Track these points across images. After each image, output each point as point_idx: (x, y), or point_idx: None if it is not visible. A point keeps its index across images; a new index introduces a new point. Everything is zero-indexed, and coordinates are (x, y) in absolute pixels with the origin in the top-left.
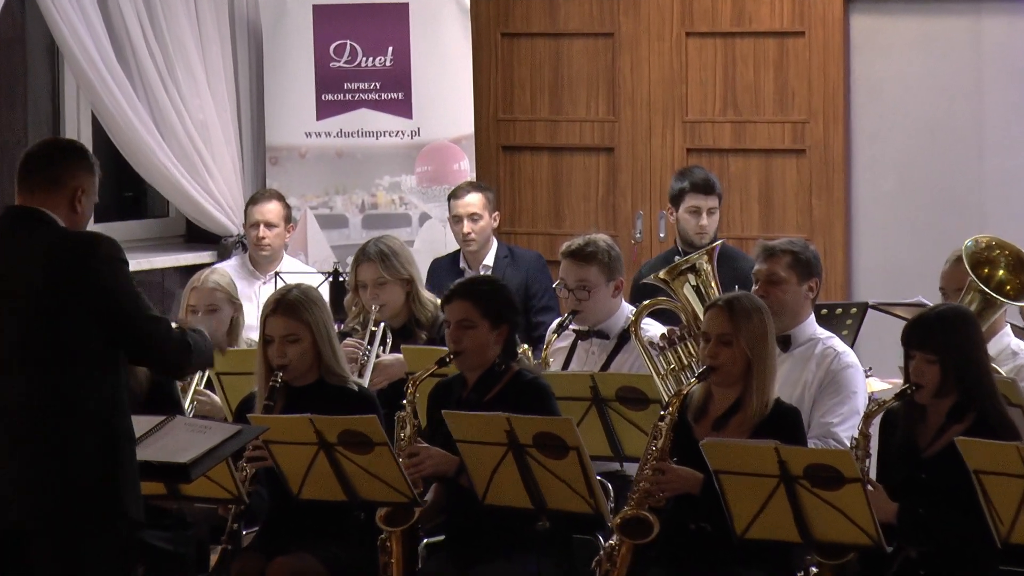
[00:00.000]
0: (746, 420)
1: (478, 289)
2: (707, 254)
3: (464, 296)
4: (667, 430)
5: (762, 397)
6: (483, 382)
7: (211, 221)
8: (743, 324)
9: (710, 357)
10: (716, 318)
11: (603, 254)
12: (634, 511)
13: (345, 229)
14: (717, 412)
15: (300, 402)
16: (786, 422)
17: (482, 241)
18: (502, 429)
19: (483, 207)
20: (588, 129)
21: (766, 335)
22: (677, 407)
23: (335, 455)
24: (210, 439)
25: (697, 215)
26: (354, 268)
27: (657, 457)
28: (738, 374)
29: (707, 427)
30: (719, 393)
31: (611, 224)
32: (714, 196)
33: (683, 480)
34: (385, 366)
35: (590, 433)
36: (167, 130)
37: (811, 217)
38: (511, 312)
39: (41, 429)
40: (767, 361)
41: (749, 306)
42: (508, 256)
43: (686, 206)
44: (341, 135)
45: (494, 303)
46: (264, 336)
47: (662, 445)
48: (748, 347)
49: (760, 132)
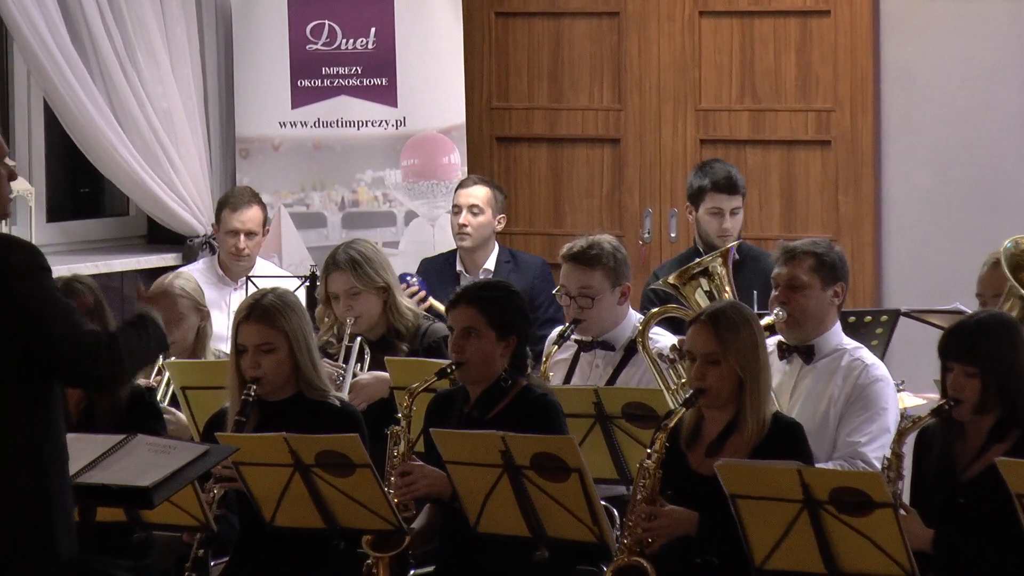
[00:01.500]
0: (743, 442)
1: (487, 295)
2: (721, 256)
3: (471, 302)
4: (655, 469)
5: (758, 416)
6: (487, 397)
7: (175, 220)
8: (731, 340)
9: (697, 379)
10: (700, 335)
11: (608, 257)
12: (627, 559)
13: (323, 229)
14: (711, 436)
15: (276, 418)
16: (788, 439)
17: (479, 239)
18: (496, 449)
19: (487, 202)
20: (591, 118)
21: (756, 348)
22: (664, 443)
23: (312, 478)
24: (174, 460)
25: (719, 216)
26: (324, 278)
27: (647, 499)
28: (729, 394)
29: (701, 453)
30: (711, 416)
31: (616, 223)
32: (738, 195)
33: (676, 524)
34: (363, 386)
35: (593, 453)
36: (127, 120)
37: (837, 215)
38: (522, 322)
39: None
40: (760, 376)
41: (736, 318)
42: (511, 261)
43: (707, 207)
44: (318, 125)
45: (504, 312)
46: (236, 345)
47: (650, 486)
48: (738, 364)
49: (781, 122)
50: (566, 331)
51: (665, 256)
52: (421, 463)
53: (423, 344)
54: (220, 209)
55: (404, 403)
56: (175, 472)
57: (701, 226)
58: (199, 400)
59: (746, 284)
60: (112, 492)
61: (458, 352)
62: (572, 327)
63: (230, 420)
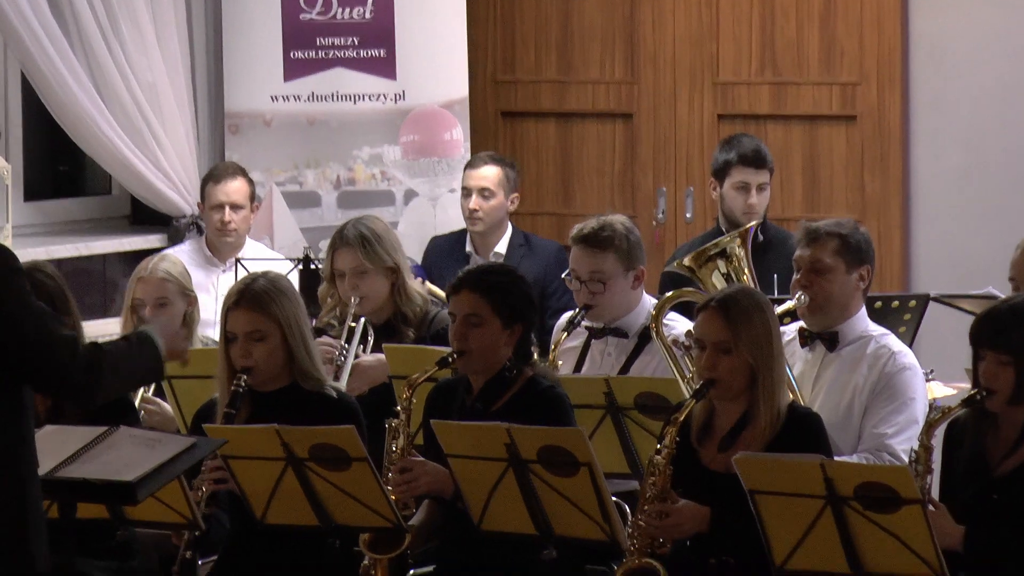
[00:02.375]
0: (757, 435)
1: (491, 280)
2: (740, 236)
3: (474, 287)
4: (665, 465)
5: (772, 407)
6: (491, 388)
7: (161, 200)
8: (743, 327)
9: (707, 369)
10: (710, 322)
11: (620, 239)
12: (638, 560)
13: (317, 209)
14: (723, 430)
15: (268, 410)
16: (804, 431)
17: (491, 223)
18: (501, 442)
19: (499, 184)
20: (602, 92)
21: (770, 335)
22: (675, 437)
23: (306, 473)
24: (160, 454)
25: (745, 192)
26: (330, 254)
27: (657, 497)
28: (742, 385)
29: (713, 448)
30: (723, 408)
31: (629, 204)
32: (765, 170)
33: (688, 521)
34: (365, 368)
35: (605, 446)
36: (109, 94)
37: (863, 195)
38: (528, 310)
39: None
40: (774, 366)
41: (748, 304)
42: (524, 244)
43: (732, 181)
44: (313, 99)
45: (509, 298)
46: (225, 333)
47: (660, 483)
48: (751, 353)
49: (804, 96)
50: (576, 317)
51: (680, 238)
52: (422, 459)
53: (430, 331)
54: (204, 185)
55: (403, 394)
56: (160, 466)
57: (725, 203)
58: (186, 390)
59: (768, 267)
60: (94, 487)
61: (460, 340)
62: (582, 313)
63: (219, 412)
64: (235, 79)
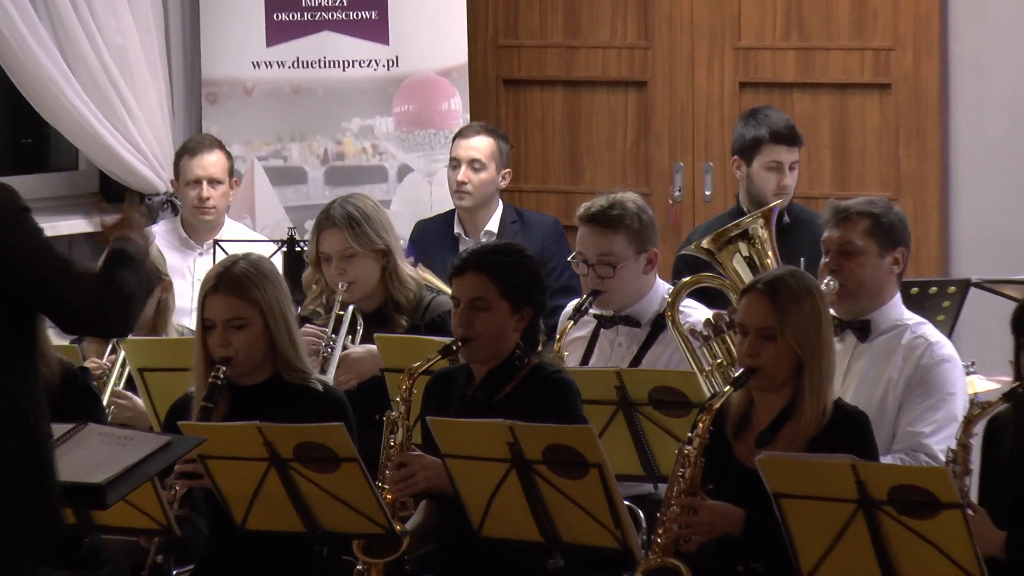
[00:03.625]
0: (799, 432)
1: (498, 260)
2: (763, 217)
3: (480, 268)
4: (696, 456)
5: (818, 402)
6: (494, 378)
7: (132, 175)
8: (790, 312)
9: (749, 356)
10: (755, 306)
11: (632, 218)
12: (660, 559)
13: (303, 186)
14: (762, 424)
15: (249, 404)
16: (851, 431)
17: (480, 198)
18: (503, 441)
19: (490, 156)
20: (614, 58)
21: (820, 323)
22: (708, 426)
23: (290, 474)
24: (131, 453)
25: (778, 172)
26: (315, 236)
27: (686, 491)
28: (786, 375)
29: (750, 443)
30: (763, 400)
31: (642, 180)
32: (797, 147)
33: (719, 520)
34: (354, 361)
35: (616, 446)
36: (76, 59)
37: (897, 170)
38: (537, 291)
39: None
40: (823, 356)
41: (797, 287)
42: (517, 222)
43: (764, 160)
44: (298, 66)
45: (517, 279)
46: (203, 321)
47: (691, 475)
48: (797, 341)
49: (833, 62)
50: (583, 304)
51: (698, 218)
52: (420, 453)
53: (425, 319)
54: (179, 159)
55: (403, 384)
56: (132, 467)
57: (754, 183)
58: (159, 384)
59: (793, 249)
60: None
61: (466, 327)
62: (590, 300)
63: (195, 406)
64: (213, 43)
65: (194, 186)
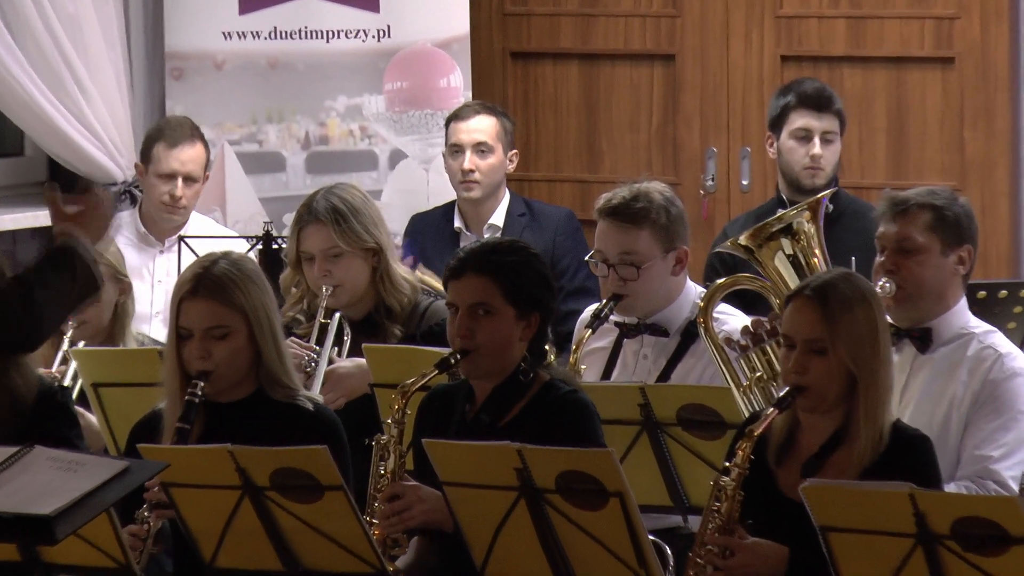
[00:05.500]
0: (852, 458)
1: (500, 260)
2: (810, 209)
3: (480, 269)
4: (735, 489)
5: (873, 425)
6: (500, 397)
7: (85, 162)
8: (842, 322)
9: (796, 373)
10: (802, 315)
11: (658, 212)
12: None
13: (281, 174)
14: (810, 449)
15: (227, 425)
16: (911, 457)
17: (490, 187)
18: (510, 466)
19: (495, 137)
20: (637, 28)
21: (876, 334)
22: (749, 455)
23: (266, 504)
24: (84, 481)
25: (806, 141)
26: (296, 232)
27: (722, 528)
28: (837, 395)
29: (796, 472)
30: (810, 423)
31: (670, 167)
32: (831, 115)
33: (760, 562)
34: (341, 376)
35: (640, 472)
36: (20, 28)
37: (962, 157)
38: (546, 295)
39: None
40: (879, 373)
41: (850, 294)
42: (526, 214)
43: (791, 129)
44: (275, 36)
45: (523, 281)
46: (178, 329)
47: (728, 511)
48: (850, 356)
49: (888, 33)
50: (603, 310)
51: (734, 211)
52: (416, 483)
53: (421, 327)
54: (151, 144)
55: (395, 404)
56: (84, 496)
57: (783, 158)
58: (116, 401)
59: (842, 246)
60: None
61: (465, 336)
62: (611, 305)
63: (167, 427)
64: (178, 11)
65: (166, 180)
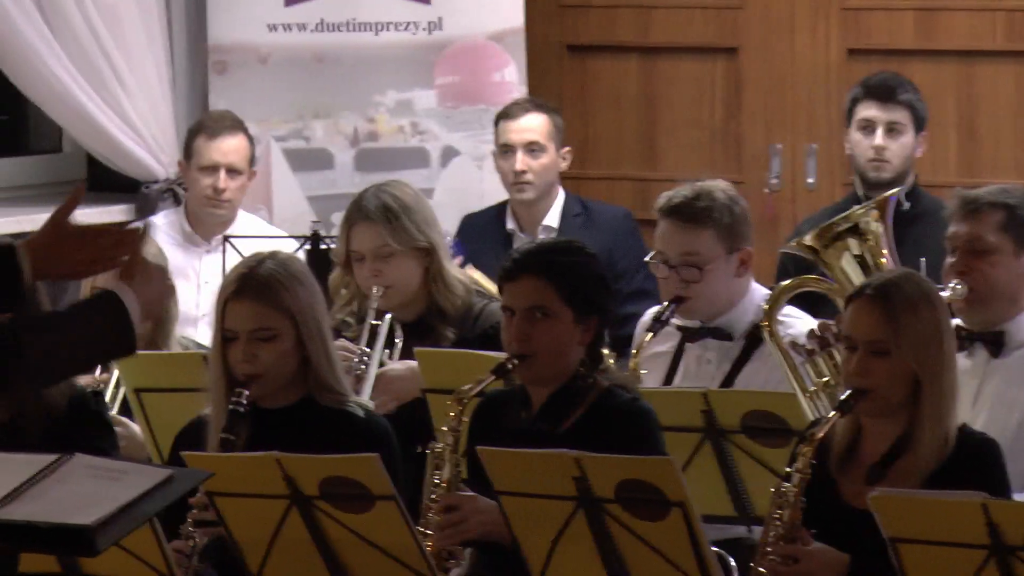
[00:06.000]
0: (917, 465)
1: (558, 261)
2: (878, 207)
3: (538, 270)
4: (797, 495)
5: (939, 429)
6: (557, 403)
7: (125, 159)
8: (905, 323)
9: (857, 375)
10: (864, 316)
11: (721, 211)
12: None
13: (329, 171)
14: (872, 456)
15: (274, 432)
16: (978, 463)
17: (543, 187)
18: (568, 475)
19: (548, 136)
20: (698, 20)
21: (941, 335)
22: (810, 459)
23: (315, 514)
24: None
25: (869, 132)
26: (345, 231)
27: (784, 535)
28: (901, 398)
29: (859, 479)
30: (874, 428)
31: (733, 164)
32: (898, 106)
33: (823, 570)
34: (392, 379)
35: (702, 481)
36: (59, 21)
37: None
38: (604, 296)
39: None
40: (943, 375)
41: (914, 294)
42: (581, 214)
43: (857, 120)
44: (322, 29)
45: (581, 282)
46: (223, 332)
47: (790, 518)
48: (914, 357)
49: (958, 25)
50: (664, 313)
51: (799, 210)
52: (472, 494)
53: (475, 330)
54: (192, 138)
55: (450, 411)
56: (126, 506)
57: (852, 153)
58: (160, 407)
59: (915, 247)
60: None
61: (522, 340)
62: (672, 308)
63: (212, 434)
64: (221, 2)
65: (209, 173)
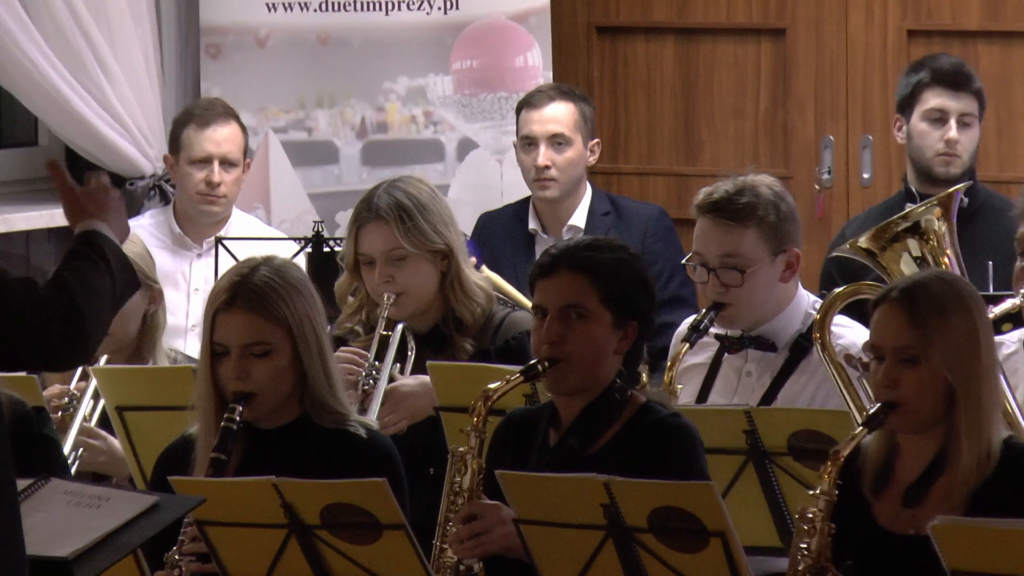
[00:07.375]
0: (957, 482)
1: (598, 258)
2: (940, 204)
3: (576, 267)
4: (824, 521)
5: (978, 443)
6: (590, 418)
7: (109, 153)
8: (935, 327)
9: (885, 387)
10: (889, 321)
11: (766, 209)
12: None
13: (333, 166)
14: (909, 476)
15: (269, 453)
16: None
17: (568, 183)
18: (596, 502)
19: (574, 127)
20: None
21: (977, 340)
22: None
23: (316, 545)
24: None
25: (940, 124)
26: (353, 232)
27: (812, 568)
28: (935, 410)
29: (895, 501)
30: (909, 445)
31: (780, 158)
32: (969, 95)
33: None
34: (403, 396)
35: (745, 508)
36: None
37: None
38: (645, 301)
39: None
40: (982, 383)
41: (944, 295)
42: (611, 213)
43: (923, 109)
44: (326, 8)
45: (623, 283)
46: (213, 346)
47: (818, 547)
48: (947, 365)
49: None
50: (702, 322)
51: (854, 208)
52: (496, 503)
53: (495, 341)
54: (180, 129)
55: (476, 413)
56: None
57: (913, 142)
58: (143, 426)
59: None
60: None
61: (555, 343)
62: (711, 315)
63: (200, 456)
64: None
65: (201, 166)
